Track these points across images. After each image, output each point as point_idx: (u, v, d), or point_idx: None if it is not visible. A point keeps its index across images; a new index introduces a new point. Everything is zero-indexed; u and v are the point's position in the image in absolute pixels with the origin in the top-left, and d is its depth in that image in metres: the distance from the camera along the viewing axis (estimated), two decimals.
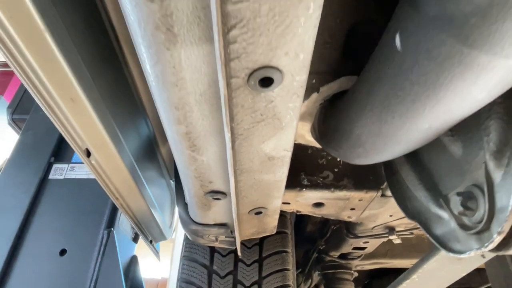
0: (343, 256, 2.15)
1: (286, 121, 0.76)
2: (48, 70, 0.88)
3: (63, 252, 2.10)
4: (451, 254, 0.75)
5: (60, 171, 2.41)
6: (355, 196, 1.29)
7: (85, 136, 1.07)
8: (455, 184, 0.77)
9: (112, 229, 2.18)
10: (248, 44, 0.55)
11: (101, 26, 1.11)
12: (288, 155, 0.89)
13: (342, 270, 2.23)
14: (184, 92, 0.64)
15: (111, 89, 1.19)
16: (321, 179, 1.28)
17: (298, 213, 1.44)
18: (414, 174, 0.93)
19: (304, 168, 1.31)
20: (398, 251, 2.19)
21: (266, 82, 0.63)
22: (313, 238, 2.29)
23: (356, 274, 2.37)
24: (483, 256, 0.88)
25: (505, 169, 0.61)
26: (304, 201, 1.33)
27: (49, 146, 2.52)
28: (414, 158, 0.95)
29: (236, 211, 1.04)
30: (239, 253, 1.31)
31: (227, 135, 0.69)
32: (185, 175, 0.95)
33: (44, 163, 2.44)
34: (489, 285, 1.62)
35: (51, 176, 2.40)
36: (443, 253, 0.96)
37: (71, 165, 2.45)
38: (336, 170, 1.29)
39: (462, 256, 0.71)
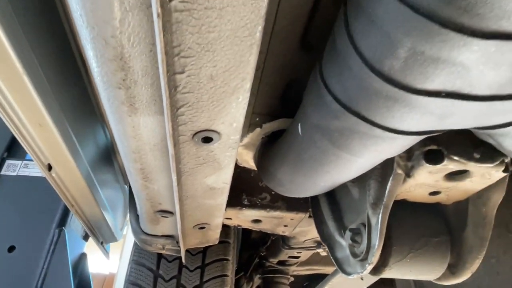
0: (281, 263, 2.38)
1: (224, 164, 0.94)
2: (18, 98, 1.00)
3: (11, 248, 2.14)
4: (343, 275, 0.97)
5: (13, 168, 2.42)
6: (287, 216, 1.50)
7: (48, 154, 1.19)
8: (352, 220, 0.99)
9: (64, 228, 2.25)
10: (193, 116, 0.73)
11: (70, 54, 1.23)
12: (226, 186, 1.07)
13: (280, 275, 2.48)
14: (140, 143, 0.80)
15: (75, 109, 1.30)
16: (259, 200, 1.49)
17: (238, 227, 1.64)
18: (328, 206, 1.15)
19: (246, 189, 1.50)
20: (330, 259, 2.46)
21: (208, 139, 0.81)
22: (257, 245, 2.51)
23: (292, 279, 2.62)
24: (361, 278, 1.12)
25: (377, 216, 0.83)
26: (244, 217, 1.53)
27: (2, 142, 2.51)
28: (330, 194, 1.17)
29: (181, 227, 1.20)
30: (183, 260, 1.48)
31: (173, 176, 0.86)
32: (138, 197, 1.11)
33: None
34: None
35: (3, 172, 2.40)
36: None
37: (24, 162, 2.47)
38: (273, 192, 1.49)
39: (350, 277, 0.93)
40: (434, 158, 0.73)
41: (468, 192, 0.88)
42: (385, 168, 0.82)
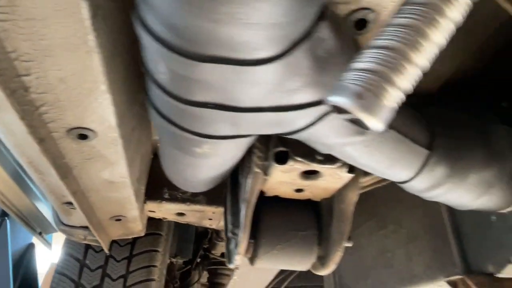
0: (223, 255, 2.45)
1: (113, 159, 1.00)
2: None
3: None
4: (230, 265, 1.05)
5: None
6: (209, 209, 1.56)
7: None
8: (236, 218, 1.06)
9: (6, 218, 2.26)
10: (59, 114, 0.78)
11: None
12: (126, 180, 1.12)
13: (223, 267, 2.56)
14: (16, 138, 0.85)
15: None
16: (181, 194, 1.54)
17: (165, 219, 1.70)
18: (230, 201, 1.22)
19: (168, 184, 1.55)
20: None
21: (83, 136, 0.87)
22: (200, 238, 2.58)
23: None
24: (237, 268, 1.20)
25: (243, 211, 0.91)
26: (166, 210, 1.58)
27: None
28: (233, 189, 1.24)
29: (88, 220, 1.25)
30: (106, 250, 1.54)
31: (52, 170, 0.91)
32: (42, 189, 1.15)
33: None
34: None
35: None
36: (247, 262, 1.26)
37: None
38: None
39: (231, 266, 1.01)
40: (282, 158, 0.80)
41: (328, 190, 0.95)
42: (249, 167, 0.88)
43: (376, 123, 0.37)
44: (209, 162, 0.76)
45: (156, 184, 1.54)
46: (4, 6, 0.55)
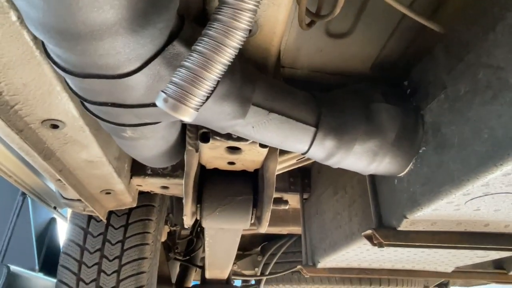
0: None
1: (85, 142, 1.23)
2: None
3: None
4: (185, 226, 1.28)
5: None
6: None
7: None
8: None
9: (27, 196, 2.60)
10: (31, 110, 1.01)
11: None
12: (102, 160, 1.36)
13: None
14: (3, 130, 1.09)
15: None
16: (161, 170, 1.77)
17: (152, 192, 1.95)
18: None
19: None
20: (299, 218, 2.78)
21: (55, 126, 1.09)
22: None
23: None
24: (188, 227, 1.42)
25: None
26: (151, 184, 1.82)
27: None
28: None
29: (79, 193, 1.51)
30: (102, 219, 1.81)
31: (36, 154, 1.15)
32: (37, 169, 1.41)
33: None
34: None
35: None
36: (209, 225, 1.48)
37: None
38: (174, 163, 1.77)
39: (185, 226, 1.23)
40: (206, 138, 0.99)
41: (256, 162, 1.14)
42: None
43: (182, 117, 0.56)
44: (142, 143, 0.96)
45: (139, 162, 1.78)
46: None
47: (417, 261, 1.79)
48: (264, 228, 1.23)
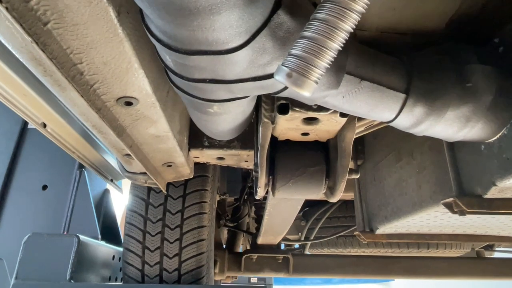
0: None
1: (155, 118, 1.23)
2: (3, 79, 1.31)
3: (45, 187, 2.66)
4: (256, 197, 1.28)
5: None
6: (243, 153, 1.80)
7: (40, 115, 1.53)
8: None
9: (83, 169, 2.71)
10: (108, 88, 1.01)
11: None
12: (168, 134, 1.37)
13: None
14: (81, 109, 1.10)
15: None
16: (218, 142, 1.78)
17: (208, 164, 1.97)
18: (255, 145, 1.42)
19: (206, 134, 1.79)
20: None
21: (129, 103, 1.10)
22: (245, 178, 2.89)
23: None
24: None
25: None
26: (208, 156, 1.84)
27: None
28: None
29: (145, 167, 1.54)
30: (164, 191, 1.87)
31: (111, 131, 1.17)
32: (106, 145, 1.44)
33: None
34: None
35: (30, 126, 2.87)
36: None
37: None
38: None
39: (256, 197, 1.24)
40: (284, 109, 0.96)
41: (331, 132, 1.10)
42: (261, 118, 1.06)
43: (303, 92, 0.52)
44: (223, 118, 0.95)
45: (197, 134, 1.79)
46: (56, 18, 0.76)
47: (482, 226, 1.74)
48: (337, 198, 1.22)
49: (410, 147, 1.47)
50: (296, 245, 3.84)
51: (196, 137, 1.79)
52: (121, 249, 2.72)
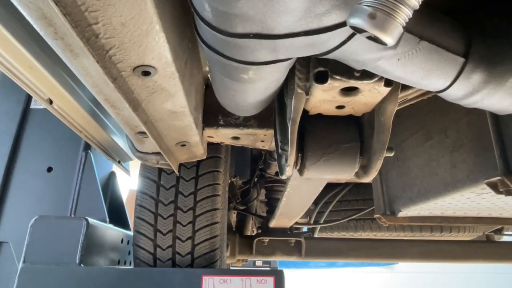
0: (277, 173, 2.66)
1: (173, 91, 1.13)
2: (3, 46, 1.21)
3: (50, 169, 2.58)
4: (282, 177, 1.19)
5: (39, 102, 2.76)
6: (260, 132, 1.70)
7: (46, 90, 1.43)
8: (285, 134, 1.18)
9: (89, 151, 2.63)
10: (125, 55, 0.91)
11: None
12: (185, 110, 1.27)
13: (278, 184, 2.79)
14: (94, 79, 1.00)
15: None
16: (234, 120, 1.68)
17: (222, 144, 1.88)
18: (278, 122, 1.33)
19: (223, 111, 1.69)
20: None
21: (147, 73, 1.00)
22: (256, 160, 2.80)
23: None
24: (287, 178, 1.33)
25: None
26: (223, 135, 1.75)
27: None
28: (280, 111, 1.34)
29: (159, 145, 1.45)
30: (176, 172, 1.78)
31: (126, 104, 1.07)
32: (118, 122, 1.35)
33: (25, 94, 2.78)
34: None
35: (32, 106, 2.76)
36: (297, 175, 1.41)
37: None
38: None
39: (283, 177, 1.15)
40: (322, 78, 0.86)
41: (369, 105, 1.00)
42: (293, 88, 0.96)
43: (388, 39, 0.43)
44: (255, 87, 0.85)
45: (212, 112, 1.70)
46: None
47: (508, 208, 1.66)
48: (371, 178, 1.13)
49: (442, 125, 1.38)
50: (305, 228, 3.79)
51: (210, 115, 1.69)
52: (129, 232, 2.66)
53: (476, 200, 1.46)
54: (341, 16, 0.56)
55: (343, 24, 0.57)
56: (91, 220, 2.05)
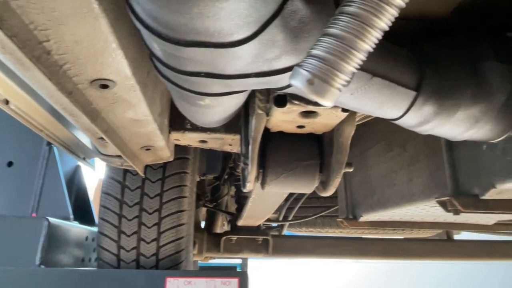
0: None
1: (134, 102, 1.11)
2: None
3: (10, 164, 2.47)
4: (243, 190, 1.21)
5: None
6: (228, 137, 1.70)
7: (1, 91, 1.37)
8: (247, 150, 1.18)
9: (52, 145, 2.54)
10: (80, 70, 0.88)
11: None
12: (149, 118, 1.25)
13: None
14: (49, 90, 0.97)
15: None
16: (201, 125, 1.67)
17: (190, 146, 1.87)
18: (243, 132, 1.33)
19: None
20: None
21: (105, 86, 0.97)
22: (226, 158, 2.81)
23: None
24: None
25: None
26: (190, 139, 1.74)
27: None
28: (246, 122, 1.34)
29: (121, 151, 1.43)
30: (141, 174, 1.76)
31: (83, 116, 1.04)
32: (78, 128, 1.31)
33: None
34: None
35: None
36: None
37: None
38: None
39: (245, 190, 1.17)
40: (281, 102, 0.87)
41: (328, 126, 1.03)
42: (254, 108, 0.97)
43: (324, 102, 0.44)
44: (214, 110, 0.85)
45: (179, 115, 1.67)
46: None
47: (463, 215, 1.75)
48: (330, 193, 1.16)
49: (402, 138, 1.43)
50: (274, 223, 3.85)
51: (177, 119, 1.67)
52: (94, 229, 2.61)
53: (431, 210, 1.53)
54: (290, 60, 0.57)
55: (293, 68, 0.58)
56: (52, 219, 2.00)
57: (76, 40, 0.77)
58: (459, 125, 0.85)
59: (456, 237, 3.74)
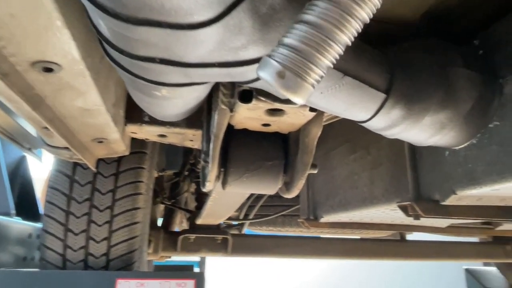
0: None
1: (83, 89, 1.00)
2: None
3: None
4: (203, 189, 1.14)
5: None
6: (189, 132, 1.61)
7: None
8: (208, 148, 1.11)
9: None
10: (18, 49, 0.77)
11: None
12: (101, 108, 1.14)
13: None
14: None
15: None
16: None
17: (147, 140, 1.76)
18: (205, 128, 1.26)
19: None
20: None
21: (49, 69, 0.86)
22: (187, 154, 2.71)
23: None
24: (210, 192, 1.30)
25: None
26: (148, 132, 1.63)
27: None
28: (208, 118, 1.27)
29: (69, 143, 1.30)
30: (92, 168, 1.63)
31: (24, 103, 0.92)
32: (20, 116, 1.17)
33: None
34: None
35: None
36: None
37: None
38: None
39: (204, 190, 1.10)
40: (247, 97, 0.81)
41: (295, 125, 0.99)
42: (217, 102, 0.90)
43: (296, 99, 0.39)
44: (172, 103, 0.78)
45: (136, 107, 1.56)
46: None
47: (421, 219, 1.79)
48: (293, 195, 1.12)
49: (366, 141, 1.42)
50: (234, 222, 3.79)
51: (135, 111, 1.55)
52: (39, 225, 2.42)
53: (391, 214, 1.54)
54: (258, 51, 0.51)
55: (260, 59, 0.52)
56: None
57: (12, 13, 0.67)
58: (426, 130, 0.83)
59: (409, 237, 3.89)
